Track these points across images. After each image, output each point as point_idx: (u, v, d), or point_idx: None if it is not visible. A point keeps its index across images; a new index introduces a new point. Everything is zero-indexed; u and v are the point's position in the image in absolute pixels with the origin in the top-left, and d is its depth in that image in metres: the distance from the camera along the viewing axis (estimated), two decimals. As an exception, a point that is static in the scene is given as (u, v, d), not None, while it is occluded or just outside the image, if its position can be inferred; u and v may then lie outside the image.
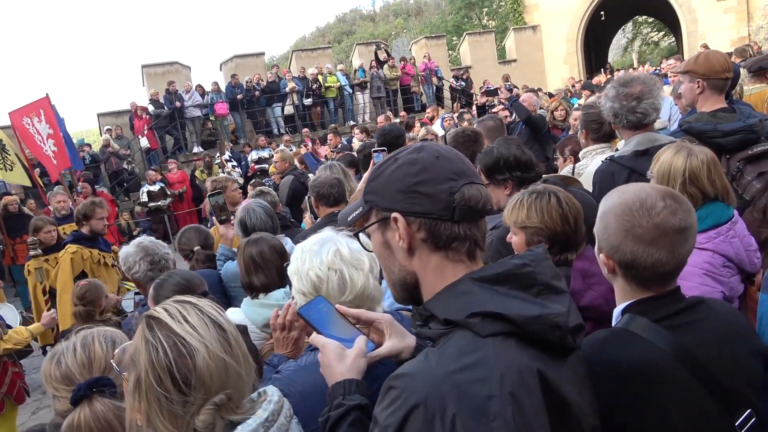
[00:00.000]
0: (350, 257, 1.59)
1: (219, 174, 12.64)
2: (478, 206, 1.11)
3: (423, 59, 19.15)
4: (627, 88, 2.97)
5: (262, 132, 16.06)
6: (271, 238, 2.74)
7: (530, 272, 1.07)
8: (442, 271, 1.11)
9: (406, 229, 1.10)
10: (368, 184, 1.19)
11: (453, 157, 1.14)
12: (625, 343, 1.36)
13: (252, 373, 1.27)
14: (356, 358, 1.29)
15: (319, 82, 16.90)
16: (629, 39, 35.25)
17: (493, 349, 0.97)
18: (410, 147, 1.17)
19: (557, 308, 1.04)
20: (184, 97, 15.53)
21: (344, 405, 1.24)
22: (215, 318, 1.23)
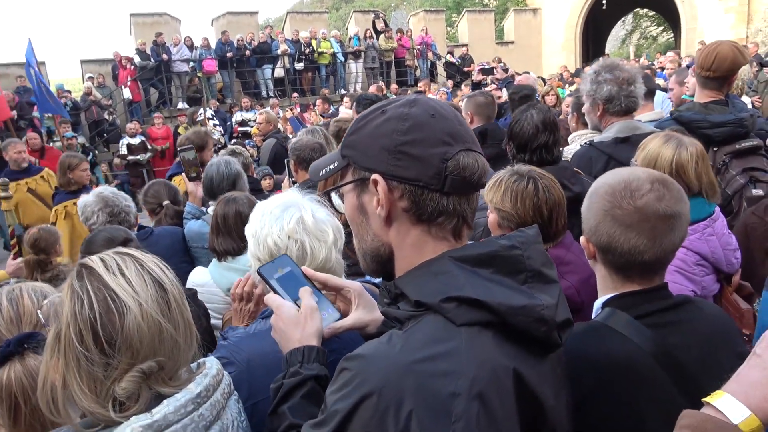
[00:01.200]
0: (314, 227, 1.48)
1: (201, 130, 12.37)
2: (473, 178, 0.96)
3: (420, 33, 18.85)
4: (619, 73, 2.89)
5: (250, 93, 15.74)
6: (246, 200, 2.62)
7: (518, 256, 0.95)
8: (422, 248, 0.98)
9: (386, 195, 0.95)
10: (348, 136, 1.02)
11: (450, 116, 0.97)
12: (602, 339, 1.28)
13: (193, 342, 1.14)
14: (316, 323, 1.18)
15: (312, 46, 16.55)
16: (628, 31, 35.04)
17: (466, 340, 0.85)
18: (402, 99, 1.01)
19: (545, 299, 0.92)
20: (172, 50, 15.12)
21: (301, 374, 1.13)
22: (157, 276, 1.10)
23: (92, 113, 14.13)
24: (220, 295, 2.52)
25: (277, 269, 1.28)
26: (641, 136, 2.50)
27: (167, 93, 15.61)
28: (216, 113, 13.99)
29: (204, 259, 3.16)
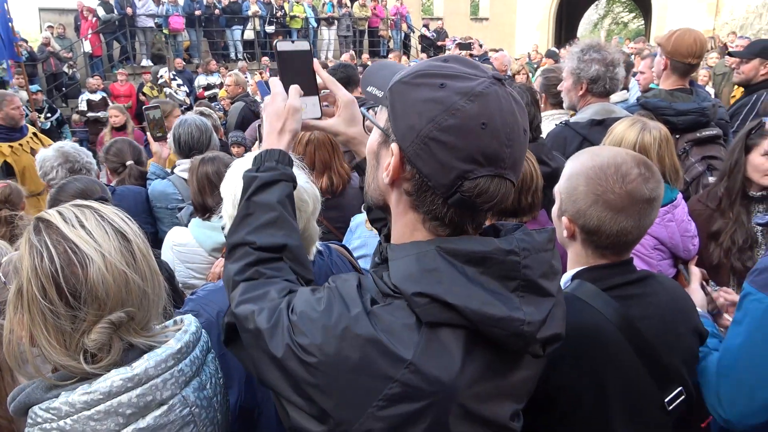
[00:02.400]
0: (296, 196, 1.45)
1: (165, 91, 12.00)
2: (483, 206, 0.90)
3: (395, 3, 18.56)
4: (606, 54, 2.91)
5: (218, 54, 15.27)
6: (227, 158, 2.58)
7: (515, 262, 0.89)
8: (413, 229, 0.95)
9: (397, 167, 0.91)
10: (399, 82, 0.92)
11: (502, 133, 0.86)
12: (571, 308, 1.29)
13: (161, 292, 1.14)
14: (294, 124, 1.24)
15: (284, 10, 16.12)
16: (600, 16, 35.35)
17: (422, 345, 0.85)
18: (477, 77, 0.87)
19: (530, 313, 0.88)
20: (137, 3, 14.48)
21: (278, 170, 1.16)
22: (118, 226, 1.08)
23: (50, 65, 13.50)
24: (202, 254, 2.49)
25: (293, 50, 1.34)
26: (615, 119, 2.55)
27: (131, 49, 15.01)
28: (181, 73, 13.54)
29: (167, 220, 3.11)
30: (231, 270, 1.07)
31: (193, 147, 3.18)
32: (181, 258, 2.49)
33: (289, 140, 1.22)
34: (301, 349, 0.87)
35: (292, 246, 1.09)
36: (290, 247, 1.09)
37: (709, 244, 2.38)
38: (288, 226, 1.11)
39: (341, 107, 1.34)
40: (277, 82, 1.28)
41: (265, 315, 0.93)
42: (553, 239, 0.98)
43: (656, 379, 1.31)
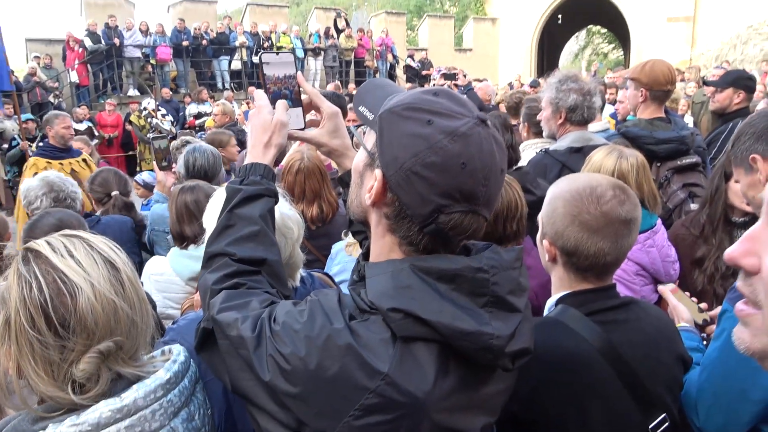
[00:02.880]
0: (281, 223, 1.48)
1: (150, 121, 12.01)
2: (455, 238, 0.95)
3: (381, 34, 18.91)
4: (583, 84, 3.00)
5: (205, 84, 15.38)
6: (207, 187, 2.59)
7: (484, 279, 0.93)
8: (389, 250, 0.99)
9: (379, 191, 0.95)
10: (389, 111, 0.95)
11: (479, 173, 0.90)
12: (554, 332, 1.35)
13: (149, 320, 1.13)
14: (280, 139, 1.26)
15: (271, 40, 16.33)
16: (581, 46, 36.23)
17: (396, 358, 0.88)
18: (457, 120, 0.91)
19: (499, 328, 0.92)
20: (125, 34, 14.59)
21: (263, 185, 1.18)
22: (107, 255, 1.09)
23: (35, 95, 13.48)
24: (179, 284, 2.47)
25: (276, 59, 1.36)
26: (594, 147, 2.61)
27: (117, 79, 15.06)
28: (168, 102, 13.60)
29: (164, 243, 3.11)
30: (209, 279, 1.08)
31: (208, 171, 3.24)
32: (158, 288, 2.47)
33: (274, 154, 1.25)
34: (283, 359, 0.89)
35: (271, 261, 1.11)
36: (269, 262, 1.11)
37: (693, 270, 2.41)
38: (268, 241, 1.13)
39: (325, 119, 1.37)
40: (262, 95, 1.31)
41: (249, 323, 0.95)
42: (520, 258, 1.02)
43: (640, 405, 1.32)
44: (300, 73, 1.38)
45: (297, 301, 1.00)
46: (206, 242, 1.17)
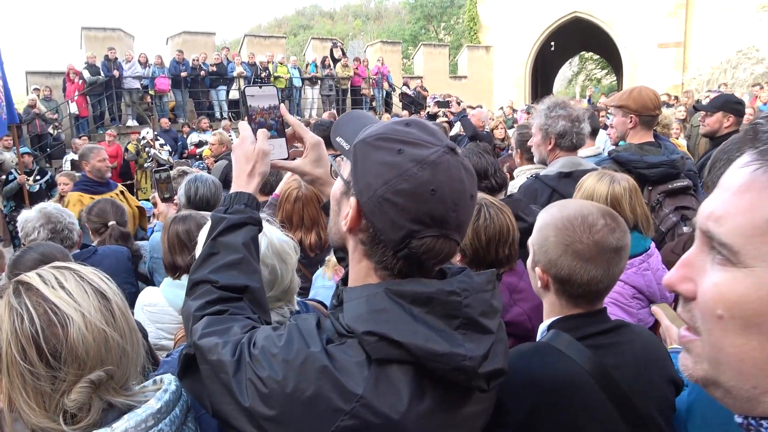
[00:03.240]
0: (281, 250, 1.50)
1: (147, 150, 12.10)
2: (428, 262, 0.98)
3: (377, 63, 19.18)
4: (571, 110, 3.05)
5: (204, 114, 15.54)
6: (200, 217, 2.60)
7: (456, 302, 0.96)
8: (366, 275, 1.02)
9: (354, 217, 0.99)
10: (362, 142, 0.99)
11: (449, 199, 0.94)
12: (547, 357, 1.35)
13: (140, 349, 1.14)
14: (263, 167, 1.29)
15: (268, 70, 16.56)
16: (575, 72, 36.77)
17: (372, 381, 0.90)
18: (427, 149, 0.94)
19: (471, 349, 0.94)
20: (124, 66, 14.79)
21: (246, 213, 1.21)
22: (98, 285, 1.10)
23: (35, 126, 13.60)
24: (172, 315, 2.47)
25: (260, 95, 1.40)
26: (583, 171, 2.65)
27: (117, 110, 15.22)
28: (167, 132, 13.72)
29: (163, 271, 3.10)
30: (192, 306, 1.10)
31: (210, 200, 3.25)
32: (151, 318, 2.47)
33: (258, 183, 1.29)
34: (261, 382, 0.91)
35: (253, 288, 1.14)
36: (251, 289, 1.13)
37: (682, 294, 2.42)
38: (251, 268, 1.16)
39: (308, 148, 1.41)
40: (246, 126, 1.35)
41: (229, 348, 0.97)
42: (492, 281, 1.04)
43: (631, 427, 1.32)
44: (283, 105, 1.43)
45: (277, 326, 1.02)
46: (190, 270, 1.19)
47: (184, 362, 1.05)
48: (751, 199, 0.58)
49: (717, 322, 0.60)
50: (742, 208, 0.58)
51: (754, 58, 19.56)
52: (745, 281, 0.57)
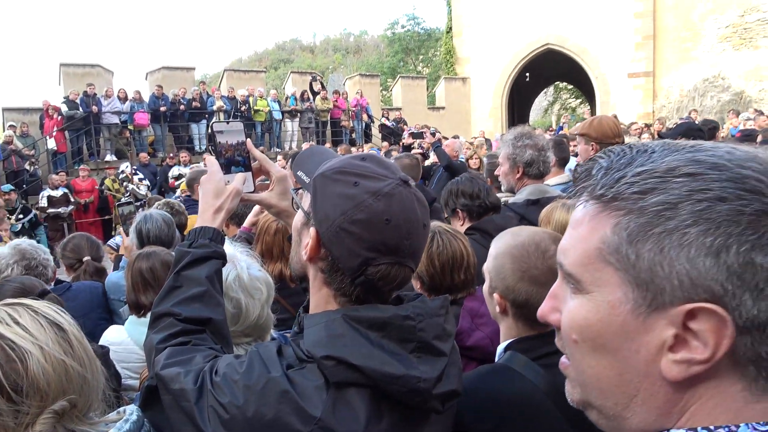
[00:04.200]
0: (249, 284, 1.52)
1: (125, 185, 12.06)
2: (384, 288, 1.03)
3: (356, 95, 19.45)
4: (537, 140, 3.17)
5: (183, 147, 15.55)
6: (165, 253, 2.61)
7: (411, 326, 1.01)
8: (326, 302, 1.07)
9: (314, 247, 1.04)
10: (320, 175, 1.05)
11: (404, 228, 0.99)
12: (504, 378, 1.40)
13: (99, 376, 1.16)
14: (233, 204, 1.33)
15: (248, 104, 16.69)
16: (550, 102, 37.63)
17: (329, 404, 0.94)
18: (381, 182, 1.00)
19: (426, 372, 0.99)
20: (103, 102, 14.80)
21: (211, 248, 1.24)
22: (53, 318, 1.13)
23: (11, 163, 13.49)
24: (137, 353, 2.44)
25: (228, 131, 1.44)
26: (549, 199, 2.75)
27: (95, 145, 15.18)
28: (146, 166, 13.70)
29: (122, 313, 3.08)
30: (154, 339, 1.14)
31: (164, 241, 3.16)
32: (116, 357, 2.41)
33: (223, 218, 1.34)
34: (222, 408, 0.94)
35: (216, 321, 1.18)
36: (214, 322, 1.18)
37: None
38: (214, 301, 1.20)
39: (275, 182, 1.46)
40: (213, 161, 1.40)
41: (191, 377, 1.01)
42: (445, 306, 1.10)
43: None
44: (249, 140, 1.48)
45: (239, 355, 1.06)
46: (153, 304, 1.23)
47: (146, 393, 1.09)
48: (583, 231, 0.64)
49: (575, 347, 0.65)
50: (577, 239, 0.65)
51: (720, 86, 20.28)
52: (587, 306, 0.63)
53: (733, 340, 0.55)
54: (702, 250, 0.55)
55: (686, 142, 0.62)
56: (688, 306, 0.55)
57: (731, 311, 0.54)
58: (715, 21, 20.33)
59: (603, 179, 0.62)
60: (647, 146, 0.63)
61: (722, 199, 0.55)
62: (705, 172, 0.56)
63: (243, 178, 1.39)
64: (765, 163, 0.57)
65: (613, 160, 0.63)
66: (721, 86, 20.21)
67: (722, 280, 0.54)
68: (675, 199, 0.56)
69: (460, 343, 1.75)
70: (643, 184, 0.58)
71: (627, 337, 0.59)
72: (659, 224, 0.56)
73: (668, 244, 0.56)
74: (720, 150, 0.59)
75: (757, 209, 0.54)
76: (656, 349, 0.58)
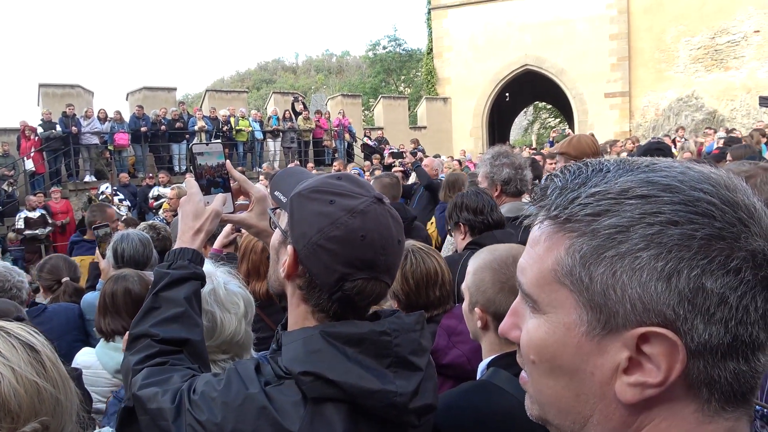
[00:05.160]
0: (225, 298, 1.53)
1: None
2: (361, 303, 1.06)
3: (338, 115, 19.55)
4: (514, 159, 3.24)
5: (164, 168, 15.44)
6: (132, 279, 2.54)
7: (387, 342, 1.03)
8: (304, 319, 1.09)
9: (291, 264, 1.06)
10: (297, 194, 1.07)
11: (378, 244, 1.02)
12: (489, 395, 1.42)
13: (73, 397, 1.15)
14: (211, 226, 1.34)
15: (230, 124, 16.67)
16: (530, 121, 38.21)
17: (307, 419, 0.95)
18: (356, 199, 1.03)
19: (402, 386, 1.01)
20: (83, 122, 14.67)
21: (189, 269, 1.25)
22: (25, 339, 1.12)
23: (-12, 184, 13.29)
24: (106, 377, 2.42)
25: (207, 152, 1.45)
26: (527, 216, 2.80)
27: (74, 165, 15.02)
28: (126, 187, 13.58)
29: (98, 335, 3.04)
30: (131, 360, 1.14)
31: (139, 261, 3.16)
32: (86, 381, 2.39)
33: (202, 240, 1.35)
34: (200, 426, 0.95)
35: (194, 341, 1.19)
36: (192, 342, 1.19)
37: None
38: (192, 322, 1.21)
39: (254, 202, 1.49)
40: (193, 183, 1.41)
41: (169, 396, 1.01)
42: (420, 321, 1.12)
43: None
44: (228, 161, 1.50)
45: (217, 373, 1.07)
46: (131, 325, 1.24)
47: (123, 415, 1.08)
48: (540, 251, 0.64)
49: (533, 367, 0.65)
50: (534, 259, 0.64)
51: (694, 105, 20.84)
52: (544, 327, 0.62)
53: (684, 364, 0.55)
54: (654, 275, 0.55)
55: (643, 160, 0.62)
56: (640, 330, 0.56)
57: (683, 335, 0.55)
58: (687, 43, 20.97)
59: (557, 199, 0.62)
60: (603, 165, 0.62)
61: (674, 223, 0.55)
62: (657, 194, 0.56)
63: (222, 199, 1.40)
64: (718, 184, 0.57)
65: (568, 179, 0.63)
66: (695, 106, 20.77)
67: (674, 304, 0.54)
68: (627, 222, 0.56)
69: (436, 361, 1.77)
70: (597, 206, 0.58)
71: (582, 359, 0.60)
72: (611, 247, 0.56)
73: (620, 267, 0.56)
74: (674, 170, 0.59)
75: (707, 234, 0.54)
76: (611, 371, 0.58)
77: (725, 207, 0.55)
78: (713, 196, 0.56)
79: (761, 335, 0.56)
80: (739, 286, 0.54)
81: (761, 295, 0.55)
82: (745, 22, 20.08)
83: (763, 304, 0.55)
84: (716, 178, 0.58)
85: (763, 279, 0.55)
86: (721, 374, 0.56)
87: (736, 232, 0.55)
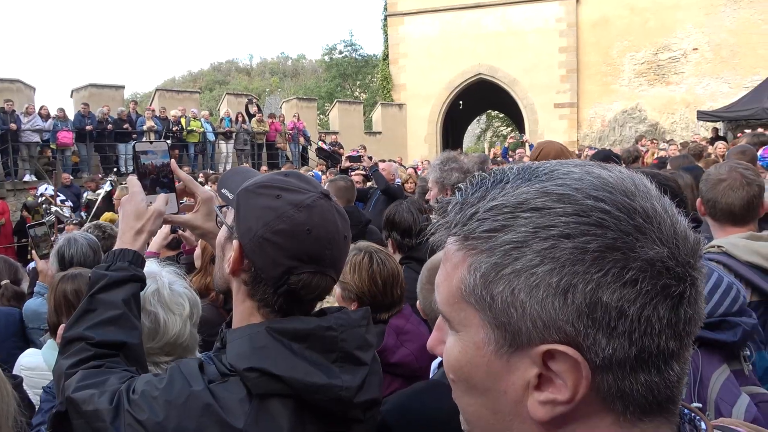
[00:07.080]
0: (169, 299, 1.50)
1: (48, 208, 11.39)
2: (307, 297, 1.06)
3: (292, 118, 19.40)
4: (462, 163, 3.31)
5: (110, 168, 14.91)
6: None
7: (333, 337, 1.03)
8: (249, 315, 1.08)
9: (237, 259, 1.05)
10: (244, 189, 1.07)
11: (324, 238, 1.03)
12: (440, 394, 1.41)
13: (11, 402, 1.10)
14: (154, 227, 1.32)
15: (181, 125, 16.27)
16: (483, 129, 38.97)
17: (252, 415, 0.95)
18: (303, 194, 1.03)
19: (347, 381, 1.01)
20: (23, 119, 14.01)
21: (129, 271, 1.22)
22: None
23: None
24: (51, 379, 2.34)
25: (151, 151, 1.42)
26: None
27: (12, 164, 14.32)
28: (68, 188, 13.01)
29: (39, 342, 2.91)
30: (64, 364, 1.10)
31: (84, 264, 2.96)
32: (29, 383, 2.31)
33: (144, 240, 1.32)
34: (140, 425, 0.93)
35: (131, 344, 1.16)
36: (129, 345, 1.16)
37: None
38: (130, 325, 1.18)
39: (200, 203, 1.46)
40: (135, 182, 1.38)
41: (106, 397, 0.99)
42: (366, 317, 1.13)
43: None
44: (173, 161, 1.47)
45: (158, 373, 1.06)
46: (65, 328, 1.20)
47: (55, 421, 1.05)
48: (448, 269, 0.62)
49: (454, 385, 0.65)
50: (444, 277, 0.63)
51: (637, 117, 21.79)
52: (458, 346, 0.62)
53: (589, 380, 0.54)
54: (550, 291, 0.53)
55: (545, 166, 0.60)
56: (543, 347, 0.54)
57: (586, 351, 0.53)
58: (631, 58, 21.92)
59: (457, 216, 0.60)
60: (504, 175, 0.60)
61: (566, 236, 0.53)
62: (552, 205, 0.54)
63: (165, 199, 1.37)
64: (615, 190, 0.55)
65: (468, 193, 0.61)
66: (639, 118, 21.72)
67: (573, 320, 0.53)
68: (522, 237, 0.54)
69: (384, 360, 1.79)
70: (493, 221, 0.56)
71: (494, 377, 0.58)
72: (508, 264, 0.55)
73: (518, 285, 0.54)
74: (572, 177, 0.57)
75: (600, 245, 0.52)
76: (522, 389, 0.57)
77: (620, 215, 0.53)
78: (609, 204, 0.54)
79: (670, 344, 0.54)
80: (637, 297, 0.52)
81: (663, 305, 0.53)
82: (685, 40, 21.16)
83: (667, 314, 0.53)
84: (614, 183, 0.56)
85: (664, 288, 0.53)
86: (632, 387, 0.54)
87: (630, 241, 0.53)
